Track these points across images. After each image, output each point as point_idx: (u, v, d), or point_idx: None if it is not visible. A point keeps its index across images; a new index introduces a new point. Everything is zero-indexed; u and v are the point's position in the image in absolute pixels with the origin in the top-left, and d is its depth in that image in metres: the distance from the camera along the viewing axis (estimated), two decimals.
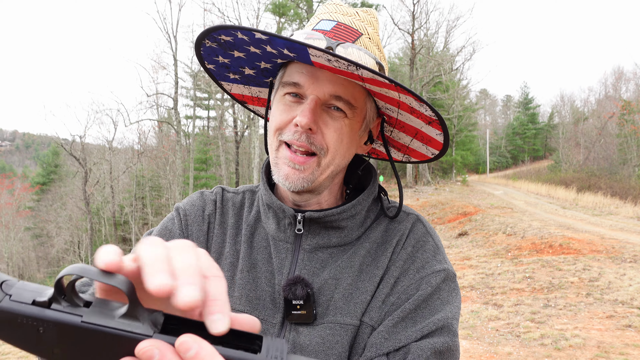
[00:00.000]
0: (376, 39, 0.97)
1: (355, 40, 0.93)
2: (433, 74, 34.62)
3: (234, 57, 0.97)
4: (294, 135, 0.89)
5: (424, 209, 20.59)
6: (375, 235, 0.98)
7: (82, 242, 35.41)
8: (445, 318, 0.86)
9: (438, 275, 0.91)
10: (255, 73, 1.03)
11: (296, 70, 0.91)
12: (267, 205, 1.01)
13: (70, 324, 0.41)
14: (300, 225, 0.96)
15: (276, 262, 0.97)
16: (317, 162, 0.91)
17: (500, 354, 5.28)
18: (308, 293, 0.90)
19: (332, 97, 0.89)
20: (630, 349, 5.08)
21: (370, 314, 0.89)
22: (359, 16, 0.96)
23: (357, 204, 0.98)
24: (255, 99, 1.14)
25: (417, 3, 33.26)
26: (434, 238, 0.99)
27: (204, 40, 0.92)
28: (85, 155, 34.05)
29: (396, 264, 0.93)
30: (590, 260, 9.04)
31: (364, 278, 0.93)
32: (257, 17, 32.39)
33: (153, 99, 35.82)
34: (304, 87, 0.89)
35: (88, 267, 0.41)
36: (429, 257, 0.94)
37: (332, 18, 0.95)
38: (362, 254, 0.95)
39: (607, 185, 26.98)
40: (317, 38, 0.89)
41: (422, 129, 0.98)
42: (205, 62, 1.00)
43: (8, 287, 0.42)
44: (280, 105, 0.93)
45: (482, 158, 60.07)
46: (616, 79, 52.09)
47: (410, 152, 1.11)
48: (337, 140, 0.91)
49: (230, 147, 36.88)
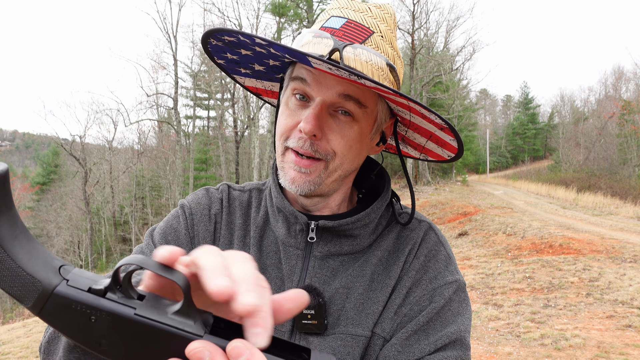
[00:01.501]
0: (389, 36, 0.91)
1: (366, 40, 0.87)
2: (433, 74, 34.62)
3: (242, 54, 0.95)
4: (298, 142, 0.86)
5: (424, 209, 20.60)
6: (387, 243, 0.96)
7: (82, 242, 35.40)
8: (459, 331, 0.85)
9: (450, 287, 0.90)
10: (265, 69, 1.01)
11: (304, 66, 0.88)
12: (278, 209, 0.97)
13: (123, 316, 0.41)
14: (313, 233, 0.93)
15: (286, 268, 0.94)
16: (324, 165, 0.88)
17: (500, 354, 5.28)
18: (320, 302, 0.87)
19: (340, 96, 0.85)
20: (630, 349, 5.08)
21: (383, 325, 0.88)
22: (371, 12, 0.91)
23: (371, 212, 0.95)
24: (269, 92, 1.12)
25: (417, 3, 33.26)
26: (445, 247, 0.97)
27: (209, 39, 0.90)
28: (85, 155, 34.07)
29: (408, 274, 0.91)
30: (590, 260, 9.04)
31: (375, 287, 0.91)
32: (257, 17, 32.37)
33: (153, 99, 35.84)
34: (311, 86, 0.86)
35: (148, 259, 0.41)
36: (442, 268, 0.92)
37: (342, 14, 0.90)
38: (374, 262, 0.93)
39: (607, 185, 26.99)
40: (325, 37, 0.85)
41: (435, 132, 0.95)
42: (215, 58, 0.98)
43: (66, 272, 0.43)
44: (286, 108, 0.90)
45: (482, 158, 60.06)
46: (616, 79, 52.08)
47: (427, 152, 1.08)
48: (345, 146, 0.87)
49: (230, 147, 36.88)
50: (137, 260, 0.41)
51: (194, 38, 36.05)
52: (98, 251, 36.45)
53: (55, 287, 0.42)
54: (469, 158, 47.54)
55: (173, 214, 1.02)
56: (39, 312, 0.42)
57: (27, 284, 0.41)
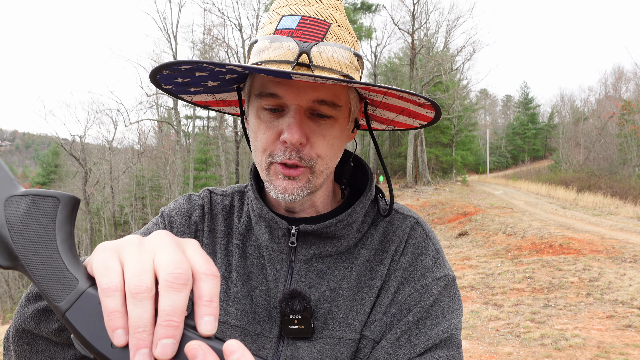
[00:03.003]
0: (345, 23, 0.87)
1: (326, 34, 0.83)
2: (433, 74, 34.63)
3: (196, 76, 0.88)
4: (285, 154, 0.83)
5: (424, 209, 20.60)
6: (373, 241, 0.94)
7: (82, 242, 35.40)
8: (449, 329, 0.84)
9: (439, 282, 0.89)
10: (219, 84, 0.95)
11: (269, 79, 0.83)
12: (259, 215, 0.95)
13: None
14: (294, 238, 0.91)
15: (271, 273, 0.92)
16: (310, 170, 0.86)
17: (500, 354, 5.27)
18: (305, 307, 0.86)
19: (315, 102, 0.82)
20: (630, 349, 5.08)
21: (372, 327, 0.86)
22: (322, 3, 0.85)
23: (353, 212, 0.92)
24: (220, 102, 1.06)
25: (417, 3, 33.27)
26: (433, 242, 0.95)
27: (158, 73, 0.84)
28: (85, 155, 34.06)
29: (396, 272, 0.90)
30: (590, 260, 9.04)
31: (362, 289, 0.89)
32: (257, 17, 32.41)
33: (153, 99, 35.83)
34: (284, 98, 0.82)
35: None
36: (430, 264, 0.91)
37: (293, 12, 0.84)
38: (359, 262, 0.91)
39: (607, 185, 26.98)
40: (285, 41, 0.80)
41: (410, 108, 0.93)
42: (162, 85, 0.92)
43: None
44: (259, 122, 0.86)
45: (482, 158, 60.09)
46: (616, 79, 52.10)
47: (395, 124, 1.06)
48: (328, 146, 0.86)
49: (230, 147, 36.89)
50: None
51: (193, 38, 36.10)
52: None
53: (88, 288, 0.45)
54: (469, 158, 47.55)
55: (153, 222, 1.00)
56: (69, 307, 0.44)
57: (66, 281, 0.45)
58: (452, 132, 43.80)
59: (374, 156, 37.36)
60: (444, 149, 44.33)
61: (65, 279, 0.45)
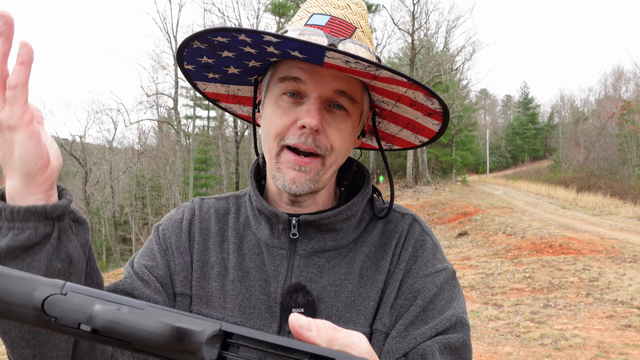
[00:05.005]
0: (368, 31, 0.94)
1: (351, 35, 0.89)
2: (433, 74, 34.62)
3: (221, 57, 0.90)
4: (300, 139, 0.84)
5: (424, 209, 20.60)
6: (373, 238, 0.96)
7: None
8: (456, 314, 0.86)
9: (441, 274, 0.91)
10: (240, 72, 0.97)
11: (294, 65, 0.86)
12: (259, 211, 0.96)
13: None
14: (295, 229, 0.92)
15: (270, 269, 0.93)
16: (321, 162, 0.88)
17: (500, 354, 5.28)
18: (309, 300, 0.87)
19: (335, 93, 0.85)
20: (630, 349, 5.09)
21: (383, 321, 0.88)
22: (351, 9, 0.91)
23: (352, 205, 0.94)
24: (231, 97, 1.08)
25: (417, 3, 33.26)
26: (431, 237, 0.97)
27: (193, 41, 0.85)
28: (85, 155, 34.08)
29: (399, 266, 0.92)
30: (590, 260, 9.05)
31: (365, 283, 0.91)
32: (257, 17, 32.40)
33: (153, 99, 35.85)
34: (306, 84, 0.85)
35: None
36: (430, 256, 0.93)
37: (324, 12, 0.90)
38: (361, 258, 0.93)
39: (607, 185, 26.98)
40: (313, 34, 0.84)
41: (417, 119, 0.95)
42: (184, 63, 0.94)
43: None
44: (277, 108, 0.88)
45: (482, 158, 60.07)
46: (616, 79, 52.13)
47: (395, 141, 1.08)
48: (341, 139, 0.88)
49: (230, 147, 36.90)
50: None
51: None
52: (98, 251, 36.40)
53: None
54: (468, 158, 47.53)
55: (149, 238, 1.03)
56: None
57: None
58: (452, 132, 43.76)
59: (374, 156, 37.36)
60: (444, 149, 44.30)
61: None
